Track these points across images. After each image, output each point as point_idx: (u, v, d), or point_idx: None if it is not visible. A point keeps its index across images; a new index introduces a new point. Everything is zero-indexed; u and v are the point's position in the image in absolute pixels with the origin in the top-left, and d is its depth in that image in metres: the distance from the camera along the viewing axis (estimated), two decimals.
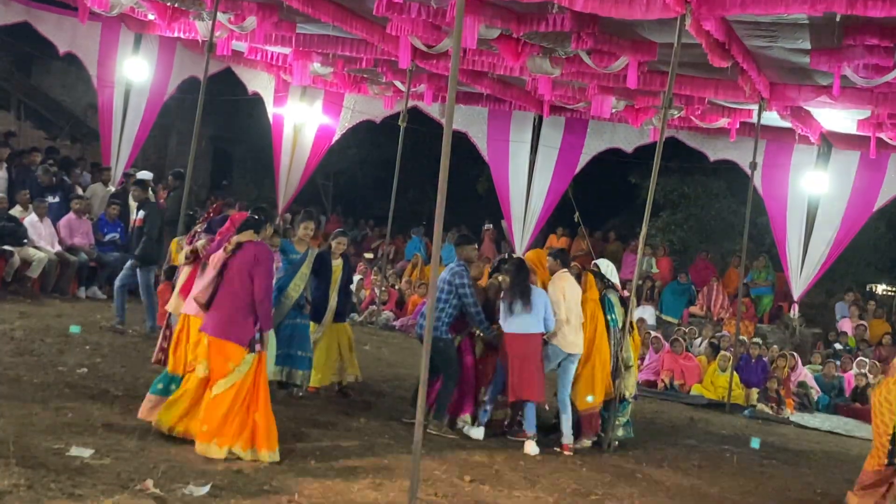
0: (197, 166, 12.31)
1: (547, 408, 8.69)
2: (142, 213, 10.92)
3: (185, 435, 6.39)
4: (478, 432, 8.06)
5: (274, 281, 7.24)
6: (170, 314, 7.49)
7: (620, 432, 8.63)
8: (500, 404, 8.36)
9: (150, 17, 12.83)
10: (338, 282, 8.88)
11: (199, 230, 7.90)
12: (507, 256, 9.42)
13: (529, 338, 7.96)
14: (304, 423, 7.61)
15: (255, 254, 6.49)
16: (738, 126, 13.83)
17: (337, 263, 8.88)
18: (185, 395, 6.50)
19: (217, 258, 6.60)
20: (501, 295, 8.13)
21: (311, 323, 8.73)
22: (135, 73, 15.12)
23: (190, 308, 6.75)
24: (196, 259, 7.12)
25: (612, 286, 8.65)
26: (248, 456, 6.29)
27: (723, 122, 13.77)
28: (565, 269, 8.42)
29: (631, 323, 8.54)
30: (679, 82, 11.45)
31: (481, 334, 8.29)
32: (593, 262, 8.95)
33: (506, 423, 8.46)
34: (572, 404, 8.23)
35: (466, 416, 8.23)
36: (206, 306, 6.53)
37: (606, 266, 8.79)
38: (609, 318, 8.43)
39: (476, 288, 8.27)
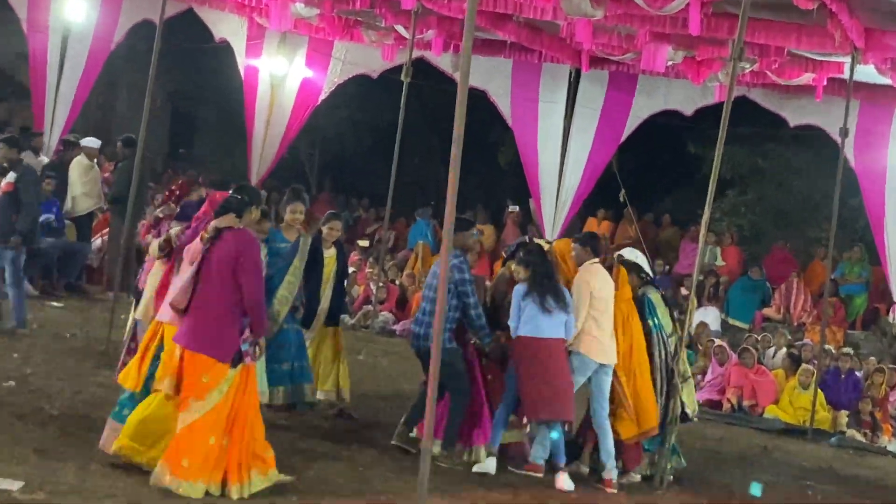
0: (151, 131, 12.31)
1: (566, 430, 8.57)
2: (11, 175, 10.77)
3: (148, 465, 6.41)
4: (489, 464, 8.00)
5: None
6: (136, 322, 7.50)
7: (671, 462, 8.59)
8: (513, 424, 8.33)
9: None
10: (331, 276, 8.88)
11: (160, 214, 7.89)
12: (526, 240, 9.29)
13: (554, 343, 7.92)
14: (284, 450, 7.62)
15: (237, 244, 6.43)
16: (825, 83, 13.75)
17: (329, 254, 8.87)
18: (150, 418, 6.51)
19: (193, 251, 6.58)
20: (524, 291, 8.03)
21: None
22: (74, 15, 15.13)
23: (165, 315, 6.74)
24: (171, 252, 7.09)
25: (652, 282, 8.61)
26: (218, 492, 6.32)
27: (806, 77, 13.70)
28: (595, 260, 8.33)
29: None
30: (752, 28, 11.35)
31: (476, 343, 8.22)
32: (616, 253, 8.91)
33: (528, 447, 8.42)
34: (613, 430, 8.20)
35: (481, 449, 8.15)
36: (186, 311, 6.48)
37: (635, 257, 8.76)
38: (651, 322, 8.39)
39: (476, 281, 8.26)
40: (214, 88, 22.13)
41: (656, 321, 8.42)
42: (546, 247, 8.65)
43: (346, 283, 9.85)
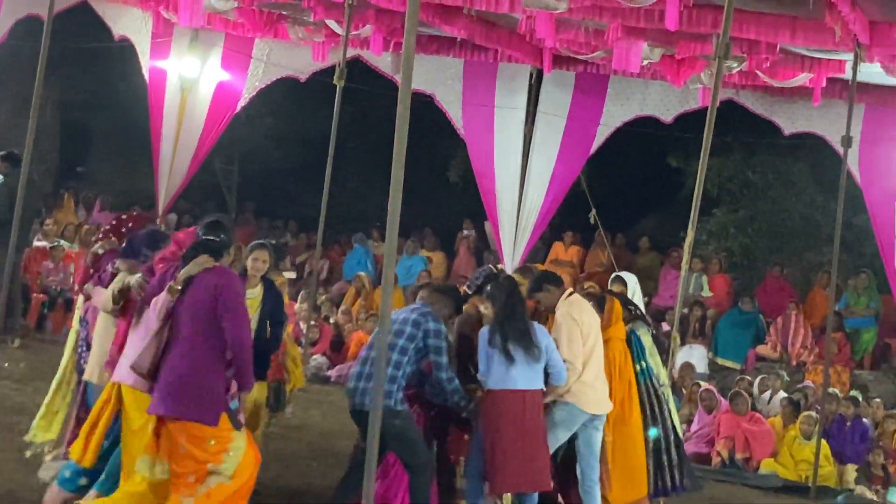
0: (39, 145, 12.19)
1: None
2: None
3: None
4: None
5: None
6: (86, 385, 7.37)
7: None
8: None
9: None
10: (255, 319, 8.67)
11: (100, 250, 7.72)
12: (493, 272, 9.09)
13: (530, 396, 7.73)
14: None
15: (217, 280, 6.41)
16: (824, 84, 13.90)
17: (253, 294, 8.64)
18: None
19: (160, 304, 6.50)
20: (488, 334, 7.83)
21: None
22: None
23: (122, 375, 6.64)
24: (127, 303, 6.96)
25: (641, 316, 8.57)
26: None
27: (802, 78, 13.84)
28: (570, 290, 8.22)
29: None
30: (739, 21, 11.45)
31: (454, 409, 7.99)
32: (614, 274, 8.89)
33: None
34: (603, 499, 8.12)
35: None
36: (151, 375, 6.43)
37: (634, 284, 8.76)
38: (638, 367, 8.35)
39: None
40: (113, 95, 21.93)
41: (644, 365, 8.36)
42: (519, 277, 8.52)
43: (282, 329, 9.40)
